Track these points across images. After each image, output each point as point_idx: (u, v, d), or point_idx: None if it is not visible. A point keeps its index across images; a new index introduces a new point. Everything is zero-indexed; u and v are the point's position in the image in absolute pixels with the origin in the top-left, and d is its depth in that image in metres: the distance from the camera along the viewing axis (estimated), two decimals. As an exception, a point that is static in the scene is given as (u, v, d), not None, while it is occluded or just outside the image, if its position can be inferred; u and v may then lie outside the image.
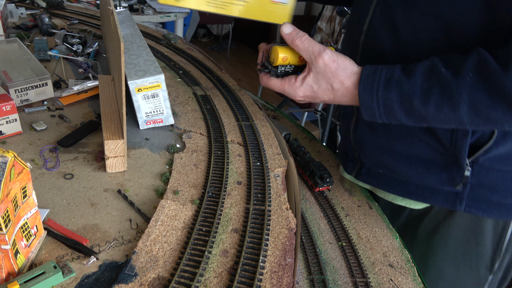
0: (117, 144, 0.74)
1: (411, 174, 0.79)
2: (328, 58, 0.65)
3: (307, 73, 0.68)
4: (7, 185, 0.48)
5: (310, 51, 0.66)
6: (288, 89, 0.70)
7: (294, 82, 0.69)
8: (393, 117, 0.65)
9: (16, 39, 1.12)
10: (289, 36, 0.68)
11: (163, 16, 2.74)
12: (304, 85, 0.68)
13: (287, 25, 0.68)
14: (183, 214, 0.68)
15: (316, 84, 0.67)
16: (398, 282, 0.69)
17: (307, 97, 0.70)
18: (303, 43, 0.66)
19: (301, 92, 0.69)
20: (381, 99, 0.63)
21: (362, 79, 0.65)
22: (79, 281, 0.55)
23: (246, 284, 0.57)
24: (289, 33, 0.68)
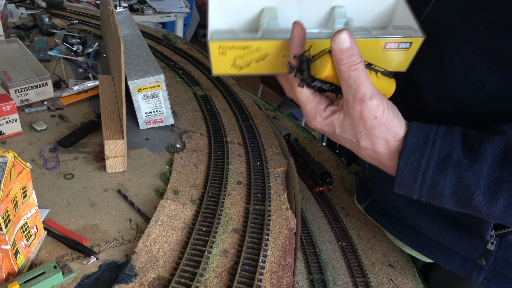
0: (117, 144, 0.74)
1: (424, 226, 0.67)
2: (369, 111, 0.47)
3: (340, 109, 0.51)
4: (7, 185, 0.48)
5: (352, 88, 0.47)
6: (309, 110, 0.52)
7: (322, 109, 0.52)
8: (437, 202, 0.51)
9: (16, 39, 1.12)
10: (338, 54, 0.46)
11: (163, 16, 2.74)
12: (328, 120, 0.52)
13: (345, 36, 0.45)
14: (183, 214, 0.68)
15: (341, 129, 0.51)
16: (398, 282, 0.69)
17: (323, 132, 0.54)
18: (349, 74, 0.46)
19: (319, 124, 0.53)
20: (428, 182, 0.48)
21: (406, 150, 0.48)
22: (79, 281, 0.55)
23: (246, 284, 0.57)
24: (342, 50, 0.45)
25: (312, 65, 0.48)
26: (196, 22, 4.38)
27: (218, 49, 0.50)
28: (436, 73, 0.57)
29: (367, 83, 0.46)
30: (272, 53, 0.51)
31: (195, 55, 1.39)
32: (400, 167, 0.49)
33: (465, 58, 0.53)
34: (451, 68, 0.54)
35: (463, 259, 0.65)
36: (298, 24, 0.49)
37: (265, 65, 0.52)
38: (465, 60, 0.53)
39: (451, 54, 0.54)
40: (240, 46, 0.50)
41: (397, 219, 0.74)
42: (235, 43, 0.50)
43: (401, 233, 0.74)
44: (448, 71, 0.55)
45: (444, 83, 0.56)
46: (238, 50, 0.51)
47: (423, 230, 0.69)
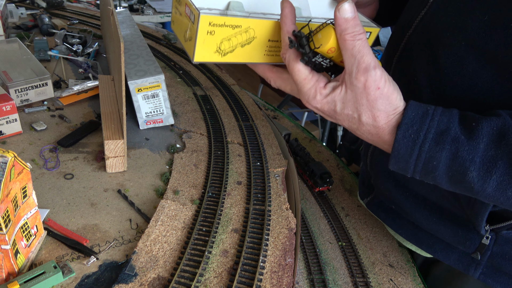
0: (117, 144, 0.74)
1: (423, 220, 0.68)
2: (373, 81, 0.47)
3: (340, 83, 0.50)
4: (7, 185, 0.48)
5: (356, 58, 0.46)
6: (308, 90, 0.51)
7: (321, 87, 0.51)
8: (430, 178, 0.51)
9: (16, 39, 1.12)
10: (343, 23, 0.46)
11: (163, 16, 2.74)
12: (329, 98, 0.50)
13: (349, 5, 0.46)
14: (183, 214, 0.68)
15: (342, 105, 0.50)
16: (398, 282, 0.69)
17: (322, 111, 0.53)
18: (354, 44, 0.46)
19: (319, 103, 0.51)
20: (424, 155, 0.49)
21: (404, 122, 0.49)
22: (79, 281, 0.55)
23: (246, 284, 0.57)
24: (346, 18, 0.45)
25: (314, 38, 0.47)
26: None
27: (208, 26, 0.46)
28: (431, 73, 0.58)
29: (371, 53, 0.47)
30: (259, 36, 0.49)
31: (195, 55, 1.39)
32: (397, 139, 0.49)
33: (458, 57, 0.54)
34: (445, 67, 0.55)
35: (461, 254, 0.66)
36: (287, 1, 0.49)
37: (250, 51, 0.50)
38: (458, 59, 0.54)
39: (445, 54, 0.55)
40: (231, 24, 0.46)
41: (397, 214, 0.75)
42: (226, 19, 0.46)
43: (400, 228, 0.75)
44: (443, 70, 0.56)
45: (439, 82, 0.57)
46: (227, 30, 0.47)
47: (422, 224, 0.69)
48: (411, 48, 0.62)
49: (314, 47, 0.47)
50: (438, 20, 0.57)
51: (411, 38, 0.62)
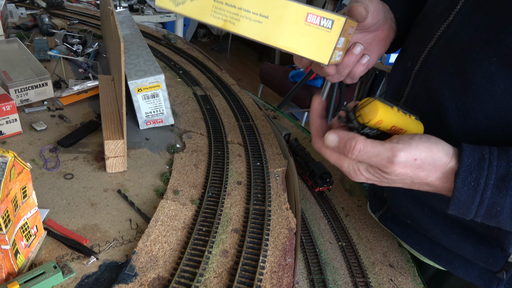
0: (117, 144, 0.74)
1: (442, 237, 0.66)
2: (404, 164, 0.47)
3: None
4: (7, 185, 0.48)
5: (373, 161, 0.48)
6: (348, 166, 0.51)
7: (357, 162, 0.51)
8: (493, 222, 0.50)
9: (16, 39, 1.12)
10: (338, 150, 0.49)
11: (163, 16, 2.74)
12: (370, 172, 0.51)
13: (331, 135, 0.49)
14: (183, 214, 0.68)
15: (387, 178, 0.50)
16: (398, 282, 0.69)
17: (370, 181, 0.53)
18: (360, 156, 0.48)
19: (363, 177, 0.51)
20: (487, 202, 0.48)
21: (462, 171, 0.47)
22: (79, 281, 0.55)
23: (246, 284, 0.57)
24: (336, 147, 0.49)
25: (362, 112, 0.48)
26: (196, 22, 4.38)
27: None
28: (457, 87, 0.56)
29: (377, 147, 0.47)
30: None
31: (195, 55, 1.39)
32: (457, 187, 0.48)
33: (488, 73, 0.52)
34: (474, 82, 0.54)
35: (482, 270, 0.64)
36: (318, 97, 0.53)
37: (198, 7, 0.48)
38: (488, 75, 0.53)
39: (473, 69, 0.54)
40: None
41: (413, 229, 0.73)
42: None
43: (417, 244, 0.73)
44: (471, 86, 0.54)
45: (466, 98, 0.55)
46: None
47: (441, 241, 0.68)
48: (433, 61, 0.60)
49: (363, 121, 0.48)
50: (465, 34, 0.55)
51: (433, 51, 0.60)
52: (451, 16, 0.58)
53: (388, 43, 0.68)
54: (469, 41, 0.55)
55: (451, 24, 0.58)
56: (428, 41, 0.61)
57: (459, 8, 0.57)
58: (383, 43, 0.67)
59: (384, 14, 0.65)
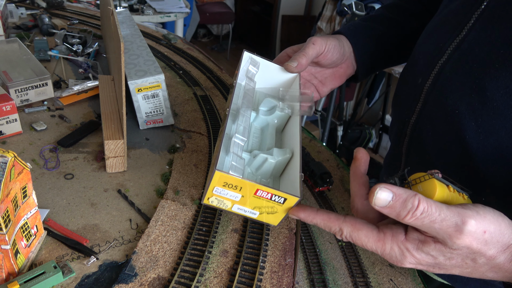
0: (117, 144, 0.74)
1: None
2: (472, 236, 0.39)
3: (432, 241, 0.41)
4: (7, 185, 0.48)
5: (437, 229, 0.39)
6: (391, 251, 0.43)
7: (403, 241, 0.42)
8: None
9: (16, 39, 1.12)
10: (391, 212, 0.39)
11: (163, 16, 2.74)
12: (423, 254, 0.42)
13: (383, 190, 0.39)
14: (183, 214, 0.68)
15: (444, 257, 0.42)
16: (398, 282, 0.69)
17: (422, 264, 0.44)
18: (421, 220, 0.38)
19: (414, 259, 0.42)
20: None
21: None
22: (79, 281, 0.55)
23: (246, 284, 0.57)
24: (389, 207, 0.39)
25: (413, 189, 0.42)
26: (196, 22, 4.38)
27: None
28: (476, 104, 0.54)
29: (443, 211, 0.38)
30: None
31: (195, 55, 1.39)
32: None
33: (510, 90, 0.51)
34: (494, 99, 0.52)
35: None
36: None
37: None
38: (510, 92, 0.51)
39: (493, 86, 0.52)
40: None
41: None
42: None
43: None
44: (491, 102, 0.52)
45: (486, 115, 0.53)
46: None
47: None
48: (447, 77, 0.58)
49: None
50: (481, 50, 0.53)
51: (446, 66, 0.58)
52: (464, 31, 0.56)
53: (344, 79, 0.73)
54: (486, 57, 0.53)
55: (464, 39, 0.56)
56: (439, 56, 0.59)
57: (473, 23, 0.56)
58: (338, 79, 0.72)
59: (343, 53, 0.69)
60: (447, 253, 0.41)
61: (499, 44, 0.52)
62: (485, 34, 0.54)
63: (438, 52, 0.59)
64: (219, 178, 0.45)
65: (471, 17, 0.56)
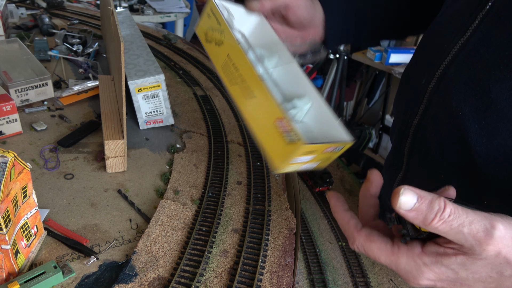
0: (117, 144, 0.74)
1: None
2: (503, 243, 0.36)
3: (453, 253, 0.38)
4: (7, 185, 0.48)
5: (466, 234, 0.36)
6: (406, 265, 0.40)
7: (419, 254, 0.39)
8: None
9: (16, 39, 1.12)
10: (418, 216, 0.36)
11: (163, 16, 2.74)
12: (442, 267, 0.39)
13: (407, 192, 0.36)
14: (183, 214, 0.68)
15: (467, 271, 0.38)
16: (398, 282, 0.69)
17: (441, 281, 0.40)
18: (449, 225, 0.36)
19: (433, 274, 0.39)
20: None
21: None
22: (79, 281, 0.55)
23: (246, 284, 0.57)
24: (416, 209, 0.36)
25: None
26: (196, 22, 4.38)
27: (209, 9, 0.54)
28: (480, 106, 0.53)
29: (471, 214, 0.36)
30: (225, 45, 0.52)
31: (195, 55, 1.39)
32: None
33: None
34: (498, 101, 0.51)
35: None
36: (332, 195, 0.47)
37: (217, 53, 0.54)
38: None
39: (498, 88, 0.51)
40: (218, 19, 0.52)
41: None
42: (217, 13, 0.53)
43: None
44: (496, 105, 0.51)
45: (489, 116, 0.52)
46: (214, 21, 0.53)
47: None
48: (451, 79, 0.57)
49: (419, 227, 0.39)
50: (486, 51, 0.53)
51: (450, 68, 0.57)
52: (468, 31, 0.56)
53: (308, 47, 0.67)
54: (491, 59, 0.52)
55: (469, 40, 0.56)
56: (443, 57, 0.58)
57: (477, 24, 0.55)
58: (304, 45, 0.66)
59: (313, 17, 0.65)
60: (471, 265, 0.38)
61: (504, 46, 0.51)
62: (490, 35, 0.53)
63: (442, 53, 0.58)
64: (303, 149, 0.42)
65: (475, 18, 0.56)
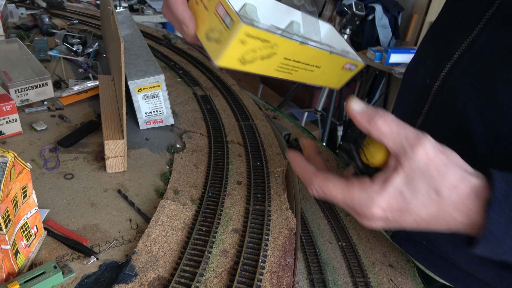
0: (117, 144, 0.74)
1: (461, 260, 0.62)
2: (432, 147, 0.40)
3: (393, 170, 0.42)
4: (7, 185, 0.48)
5: (402, 136, 0.41)
6: (359, 196, 0.43)
7: (370, 184, 0.43)
8: None
9: (16, 39, 1.12)
10: (363, 116, 0.42)
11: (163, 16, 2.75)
12: (389, 189, 0.42)
13: (357, 101, 0.43)
14: (183, 214, 0.68)
15: (410, 188, 0.41)
16: (398, 282, 0.69)
17: (391, 210, 0.43)
18: (390, 126, 0.41)
19: (383, 200, 0.42)
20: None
21: (496, 198, 0.40)
22: (79, 281, 0.55)
23: (246, 284, 0.57)
24: (363, 111, 0.42)
25: (366, 152, 0.44)
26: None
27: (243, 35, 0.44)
28: (486, 109, 0.52)
29: (408, 125, 0.41)
30: (279, 53, 0.49)
31: (195, 55, 1.39)
32: (491, 218, 0.40)
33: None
34: (504, 103, 0.50)
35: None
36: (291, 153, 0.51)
37: (265, 64, 0.50)
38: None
39: (504, 90, 0.50)
40: (263, 38, 0.46)
41: (428, 250, 0.69)
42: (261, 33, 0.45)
43: (433, 265, 0.69)
44: (502, 107, 0.50)
45: (495, 118, 0.52)
46: (258, 42, 0.46)
47: (459, 264, 0.64)
48: (456, 79, 0.56)
49: (367, 161, 0.44)
50: (492, 52, 0.52)
51: (455, 68, 0.57)
52: (475, 32, 0.55)
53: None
54: (498, 60, 0.51)
55: (475, 41, 0.55)
56: (448, 57, 0.57)
57: (484, 25, 0.55)
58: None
59: None
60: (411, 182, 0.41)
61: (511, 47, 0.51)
62: (497, 36, 0.53)
63: (447, 53, 0.58)
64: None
65: (482, 18, 0.55)
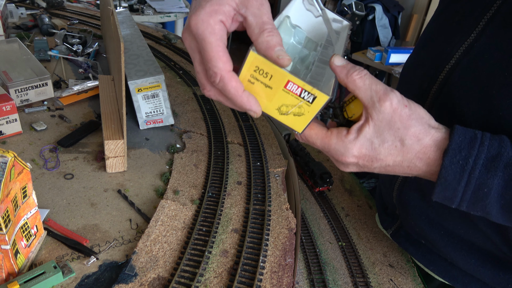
0: (117, 144, 0.74)
1: (459, 260, 0.64)
2: (397, 101, 0.46)
3: (365, 121, 0.47)
4: (7, 185, 0.48)
5: (372, 90, 0.46)
6: (336, 145, 0.49)
7: (345, 135, 0.48)
8: (479, 207, 0.47)
9: (16, 39, 1.12)
10: (343, 70, 0.47)
11: (163, 16, 2.74)
12: (361, 139, 0.47)
13: (339, 57, 0.47)
14: (183, 214, 0.68)
15: (378, 138, 0.47)
16: (398, 282, 0.69)
17: (362, 158, 0.49)
18: (364, 80, 0.46)
19: (356, 149, 0.48)
20: (474, 182, 0.45)
21: (451, 148, 0.45)
22: (79, 281, 0.55)
23: (246, 284, 0.57)
24: (343, 65, 0.47)
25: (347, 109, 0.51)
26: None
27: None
28: (483, 113, 0.53)
29: (379, 81, 0.47)
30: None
31: (195, 55, 1.39)
32: (445, 165, 0.46)
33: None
34: (502, 108, 0.51)
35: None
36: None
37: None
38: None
39: (501, 94, 0.51)
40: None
41: (428, 249, 0.71)
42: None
43: (432, 264, 0.71)
44: (498, 111, 0.51)
45: (492, 123, 0.53)
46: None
47: (458, 263, 0.66)
48: (454, 83, 0.57)
49: (348, 116, 0.51)
50: (491, 56, 0.53)
51: (453, 72, 0.57)
52: (473, 35, 0.55)
53: None
54: (496, 64, 0.52)
55: (473, 44, 0.55)
56: (447, 61, 0.58)
57: (482, 28, 0.55)
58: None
59: None
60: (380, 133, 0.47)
61: (509, 52, 0.51)
62: (496, 40, 0.53)
63: (445, 56, 0.58)
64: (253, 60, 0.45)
65: (480, 21, 0.55)
